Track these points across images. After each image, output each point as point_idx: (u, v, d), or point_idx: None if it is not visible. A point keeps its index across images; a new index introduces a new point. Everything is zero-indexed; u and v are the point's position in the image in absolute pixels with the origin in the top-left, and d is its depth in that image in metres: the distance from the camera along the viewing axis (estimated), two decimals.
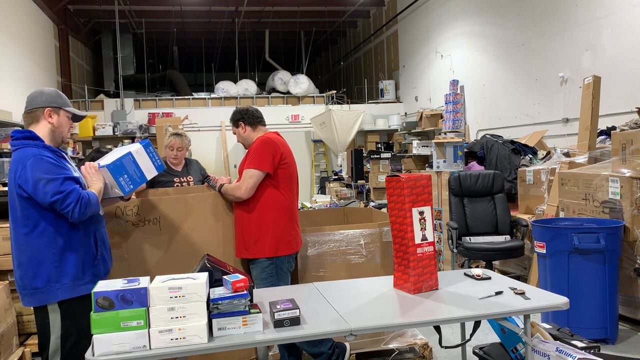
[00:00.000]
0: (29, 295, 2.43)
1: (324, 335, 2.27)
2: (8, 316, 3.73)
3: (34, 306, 2.45)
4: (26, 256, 2.41)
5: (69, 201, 2.34)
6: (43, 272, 2.39)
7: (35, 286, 2.40)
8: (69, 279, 2.42)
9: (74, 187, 2.39)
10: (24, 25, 9.76)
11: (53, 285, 2.40)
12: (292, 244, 3.23)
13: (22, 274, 2.42)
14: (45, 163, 2.37)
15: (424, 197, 2.66)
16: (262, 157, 3.16)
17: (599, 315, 3.86)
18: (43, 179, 2.34)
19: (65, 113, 2.58)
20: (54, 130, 2.53)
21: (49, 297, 2.41)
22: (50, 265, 2.40)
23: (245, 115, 3.37)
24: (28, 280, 2.41)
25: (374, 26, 15.20)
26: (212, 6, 13.81)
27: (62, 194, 2.34)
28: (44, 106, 2.52)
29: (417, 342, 3.70)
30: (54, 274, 2.40)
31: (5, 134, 7.27)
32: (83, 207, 2.37)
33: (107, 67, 15.78)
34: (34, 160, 2.37)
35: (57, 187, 2.35)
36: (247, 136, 3.38)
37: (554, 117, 7.24)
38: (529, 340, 2.50)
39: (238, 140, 3.46)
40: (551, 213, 4.98)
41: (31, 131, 2.49)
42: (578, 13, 6.73)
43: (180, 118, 11.11)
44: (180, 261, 3.16)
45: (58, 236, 2.42)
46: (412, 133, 11.61)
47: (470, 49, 9.67)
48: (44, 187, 2.34)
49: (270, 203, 3.19)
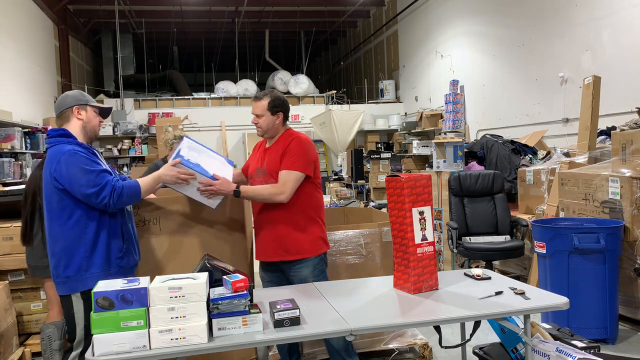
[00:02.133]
0: (61, 283, 2.54)
1: (324, 336, 2.27)
2: (8, 316, 3.73)
3: (63, 294, 2.56)
4: (59, 246, 2.52)
5: (104, 194, 2.48)
6: (75, 261, 2.51)
7: (67, 275, 2.52)
8: (97, 269, 2.52)
9: (108, 179, 2.52)
10: (24, 25, 9.76)
11: (83, 274, 2.51)
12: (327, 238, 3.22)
13: (56, 263, 2.54)
14: (79, 157, 2.50)
15: (424, 197, 2.66)
16: (308, 160, 3.01)
17: (599, 315, 3.86)
18: (78, 172, 2.47)
19: (92, 108, 2.71)
20: (84, 125, 2.67)
21: (79, 285, 2.51)
22: (82, 255, 2.51)
23: (286, 108, 3.13)
24: (61, 269, 2.52)
25: (374, 26, 15.20)
26: (212, 6, 13.81)
27: (98, 186, 2.47)
28: (72, 105, 2.65)
29: (417, 342, 3.70)
30: (85, 263, 2.51)
31: (5, 134, 7.27)
32: (116, 197, 2.50)
33: (107, 67, 15.79)
34: (68, 154, 2.49)
35: (93, 180, 2.48)
36: (275, 128, 3.10)
37: (554, 117, 7.24)
38: (529, 340, 2.50)
39: (259, 125, 3.09)
40: (551, 213, 4.98)
41: (65, 129, 2.62)
42: (578, 13, 6.73)
43: (180, 118, 11.12)
44: (180, 261, 3.16)
45: (89, 227, 2.54)
46: (412, 133, 11.61)
47: (470, 49, 9.67)
48: (79, 180, 2.46)
49: (312, 202, 3.08)
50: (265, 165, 3.07)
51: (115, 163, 12.11)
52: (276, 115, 3.06)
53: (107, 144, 12.05)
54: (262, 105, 3.04)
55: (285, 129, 3.15)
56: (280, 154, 3.02)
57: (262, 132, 3.12)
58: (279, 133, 3.12)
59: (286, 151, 3.00)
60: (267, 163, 3.06)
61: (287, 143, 3.04)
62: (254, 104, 3.09)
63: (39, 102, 10.15)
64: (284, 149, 3.02)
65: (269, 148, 3.12)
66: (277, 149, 3.05)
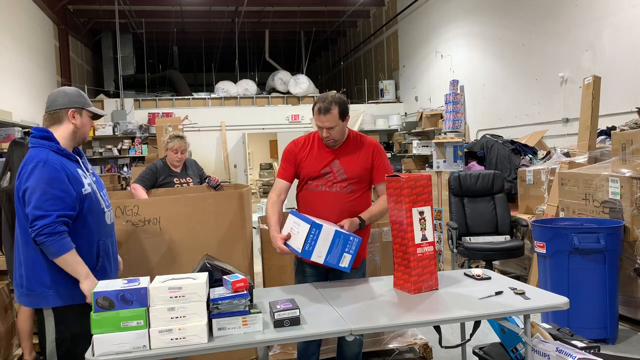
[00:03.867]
0: (25, 295, 2.41)
1: (324, 336, 2.27)
2: (8, 316, 3.73)
3: (29, 307, 2.44)
4: (25, 256, 2.38)
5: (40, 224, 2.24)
6: (38, 275, 2.35)
7: (31, 288, 2.37)
8: (63, 287, 2.35)
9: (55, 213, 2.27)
10: (24, 25, 9.76)
11: (46, 291, 2.35)
12: None
13: (22, 272, 2.40)
14: (46, 171, 2.31)
15: (424, 197, 2.66)
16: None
17: (599, 315, 3.86)
18: (37, 187, 2.29)
19: (88, 113, 2.55)
20: (76, 131, 2.50)
21: (42, 302, 2.37)
22: (46, 270, 2.34)
23: (349, 107, 2.95)
24: (25, 280, 2.38)
25: (374, 26, 15.19)
26: (212, 6, 13.81)
27: (40, 210, 2.26)
28: (68, 107, 2.48)
29: (417, 342, 3.70)
30: (48, 280, 2.34)
31: (5, 134, 7.28)
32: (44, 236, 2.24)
33: (107, 67, 15.79)
34: (36, 165, 2.32)
35: (41, 203, 2.26)
36: (345, 132, 2.95)
37: (554, 117, 7.24)
38: (529, 340, 2.50)
39: (332, 137, 2.88)
40: (551, 213, 4.98)
41: (49, 131, 2.45)
42: (578, 13, 6.73)
43: (180, 118, 11.11)
44: (180, 261, 3.17)
45: None
46: (412, 133, 11.61)
47: (470, 49, 9.67)
48: (30, 196, 2.29)
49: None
50: (344, 169, 2.92)
51: (115, 163, 12.11)
52: (345, 119, 2.91)
53: (107, 144, 12.05)
54: (333, 117, 2.82)
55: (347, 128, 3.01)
56: (362, 158, 2.93)
57: (335, 142, 2.92)
58: (345, 134, 2.98)
59: (377, 159, 2.94)
60: (345, 166, 2.92)
61: (369, 147, 2.96)
62: (322, 117, 2.83)
63: (39, 102, 10.14)
64: (370, 155, 2.94)
65: (340, 149, 2.96)
66: (353, 150, 2.94)
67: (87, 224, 2.45)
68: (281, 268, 3.58)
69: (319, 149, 2.98)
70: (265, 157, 19.00)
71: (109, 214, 2.61)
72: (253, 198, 12.50)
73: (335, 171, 2.93)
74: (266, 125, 13.14)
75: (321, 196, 2.93)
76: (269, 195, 3.04)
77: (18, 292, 2.44)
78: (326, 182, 2.94)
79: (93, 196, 2.49)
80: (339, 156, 2.94)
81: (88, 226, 2.45)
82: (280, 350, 3.54)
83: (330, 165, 2.94)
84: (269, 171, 17.88)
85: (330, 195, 2.92)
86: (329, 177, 2.93)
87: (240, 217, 3.43)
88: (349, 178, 2.92)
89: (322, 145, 2.98)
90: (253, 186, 16.43)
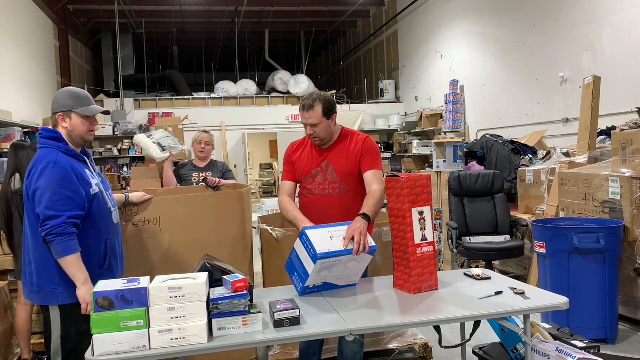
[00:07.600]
0: (35, 292, 2.45)
1: (324, 336, 2.27)
2: (8, 316, 3.73)
3: (38, 304, 2.48)
4: (35, 255, 2.42)
5: (51, 224, 2.30)
6: (48, 273, 2.39)
7: (41, 286, 2.42)
8: (72, 285, 2.38)
9: (67, 214, 2.33)
10: (24, 25, 9.76)
11: (56, 288, 2.40)
12: None
13: (31, 270, 2.45)
14: (56, 172, 2.36)
15: (424, 197, 2.66)
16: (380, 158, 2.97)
17: (599, 315, 3.86)
18: (48, 188, 2.33)
19: (78, 115, 2.53)
20: (69, 134, 2.52)
21: (51, 299, 2.42)
22: (55, 268, 2.38)
23: (336, 106, 2.94)
24: (36, 277, 2.43)
25: (374, 26, 15.19)
26: (212, 6, 13.81)
27: (52, 210, 2.31)
28: (56, 112, 2.52)
29: (417, 342, 3.70)
30: (58, 277, 2.39)
31: (5, 134, 7.28)
32: (54, 235, 2.30)
33: (107, 67, 15.79)
34: (46, 166, 2.37)
35: (52, 203, 2.32)
36: (333, 132, 2.94)
37: (553, 117, 7.24)
38: (529, 340, 2.50)
39: (317, 135, 2.88)
40: (551, 213, 4.98)
41: (57, 132, 2.50)
42: (578, 13, 6.73)
43: (180, 118, 11.08)
44: (180, 261, 3.16)
45: None
46: (412, 133, 11.61)
47: (470, 49, 9.67)
48: (41, 197, 2.33)
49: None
50: (333, 167, 2.93)
51: (115, 163, 12.10)
52: (331, 118, 2.89)
53: (107, 144, 12.04)
54: (316, 114, 2.84)
55: (339, 127, 3.02)
56: (351, 154, 2.92)
57: (321, 140, 2.92)
58: (336, 134, 2.98)
59: (364, 151, 2.92)
60: (334, 165, 2.92)
61: (358, 143, 2.94)
62: (305, 114, 2.86)
63: (38, 102, 10.14)
64: (359, 150, 2.92)
65: (330, 149, 2.97)
66: (342, 149, 2.94)
67: (95, 223, 2.50)
68: (281, 268, 3.56)
69: (311, 149, 3.01)
70: (265, 157, 19.01)
71: (115, 213, 2.66)
72: (253, 198, 12.50)
73: (326, 171, 2.95)
74: (266, 125, 13.14)
75: (315, 200, 2.96)
76: (280, 198, 3.02)
77: (28, 290, 2.49)
78: (318, 184, 2.96)
79: (101, 196, 2.54)
80: (329, 156, 2.96)
81: (96, 226, 2.50)
82: (281, 350, 3.54)
83: (321, 165, 2.96)
84: (269, 171, 17.89)
85: (324, 199, 2.94)
86: (320, 178, 2.95)
87: (240, 217, 3.43)
88: (340, 177, 2.93)
89: (314, 147, 3.01)
90: (253, 186, 16.44)
